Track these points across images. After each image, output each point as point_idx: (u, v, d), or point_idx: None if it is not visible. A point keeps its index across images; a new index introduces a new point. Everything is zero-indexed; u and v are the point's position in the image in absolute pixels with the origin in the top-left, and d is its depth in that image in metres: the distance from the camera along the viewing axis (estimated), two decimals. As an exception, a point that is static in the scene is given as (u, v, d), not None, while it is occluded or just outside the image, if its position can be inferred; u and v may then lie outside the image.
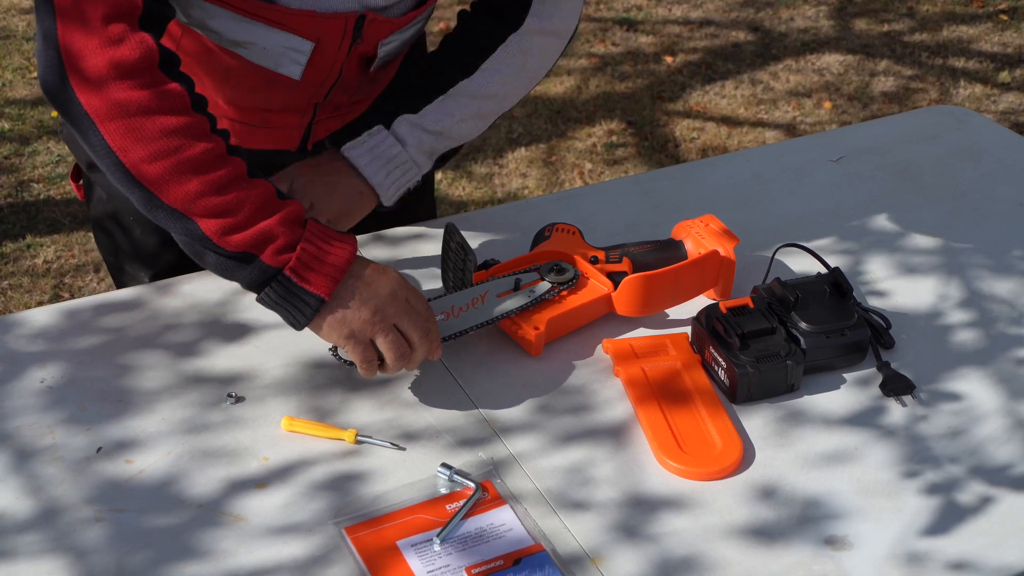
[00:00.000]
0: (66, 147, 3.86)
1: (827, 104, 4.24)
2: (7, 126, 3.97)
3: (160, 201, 1.36)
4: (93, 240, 3.47)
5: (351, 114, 1.77)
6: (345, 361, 1.48)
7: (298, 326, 1.42)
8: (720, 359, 1.53)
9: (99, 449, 1.43)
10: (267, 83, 1.59)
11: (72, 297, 3.26)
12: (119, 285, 1.85)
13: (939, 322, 1.67)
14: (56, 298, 3.27)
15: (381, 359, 1.44)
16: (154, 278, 1.76)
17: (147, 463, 1.42)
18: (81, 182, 1.84)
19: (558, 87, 4.28)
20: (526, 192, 3.76)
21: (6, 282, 3.33)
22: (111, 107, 1.32)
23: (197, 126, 1.36)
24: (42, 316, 1.62)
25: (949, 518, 1.38)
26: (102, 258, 1.89)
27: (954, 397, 1.55)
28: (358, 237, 1.77)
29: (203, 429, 1.46)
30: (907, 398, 1.54)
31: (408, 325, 1.42)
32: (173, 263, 1.73)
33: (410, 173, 1.62)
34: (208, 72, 1.60)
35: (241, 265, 1.38)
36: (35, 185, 3.72)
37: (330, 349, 1.50)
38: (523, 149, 3.96)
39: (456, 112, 1.63)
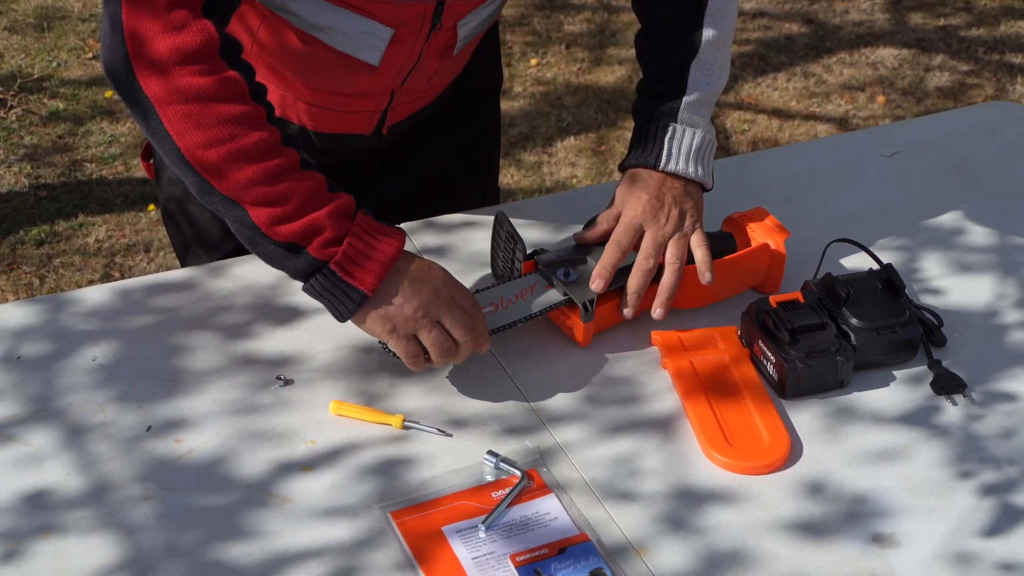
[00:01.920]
0: (119, 127, 3.89)
1: (881, 98, 4.20)
2: (61, 106, 4.01)
3: (212, 187, 1.37)
4: (143, 220, 3.50)
5: (426, 99, 1.78)
6: (394, 353, 1.48)
7: (341, 318, 1.43)
8: (769, 353, 1.52)
9: (149, 428, 1.45)
10: (345, 68, 1.60)
11: (123, 276, 3.29)
12: (184, 267, 1.87)
13: (992, 321, 1.65)
14: (107, 277, 3.30)
15: (427, 353, 1.45)
16: (227, 254, 1.77)
17: (196, 443, 1.43)
18: (152, 161, 1.86)
19: (609, 76, 4.27)
20: (575, 181, 3.75)
21: (58, 260, 3.37)
22: (171, 92, 1.34)
23: (254, 115, 1.37)
24: (95, 295, 1.64)
25: (999, 519, 1.37)
26: (170, 240, 1.91)
27: (1007, 397, 1.53)
28: (408, 225, 1.77)
29: (252, 411, 1.47)
30: (958, 397, 1.52)
31: (452, 322, 1.43)
32: (236, 249, 1.75)
33: (712, 146, 1.65)
34: (284, 58, 1.61)
35: (289, 255, 1.40)
36: (88, 165, 3.75)
37: (379, 340, 1.50)
38: (572, 138, 3.95)
39: (713, 68, 1.65)
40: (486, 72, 1.91)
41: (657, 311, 1.56)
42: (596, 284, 1.54)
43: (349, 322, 1.44)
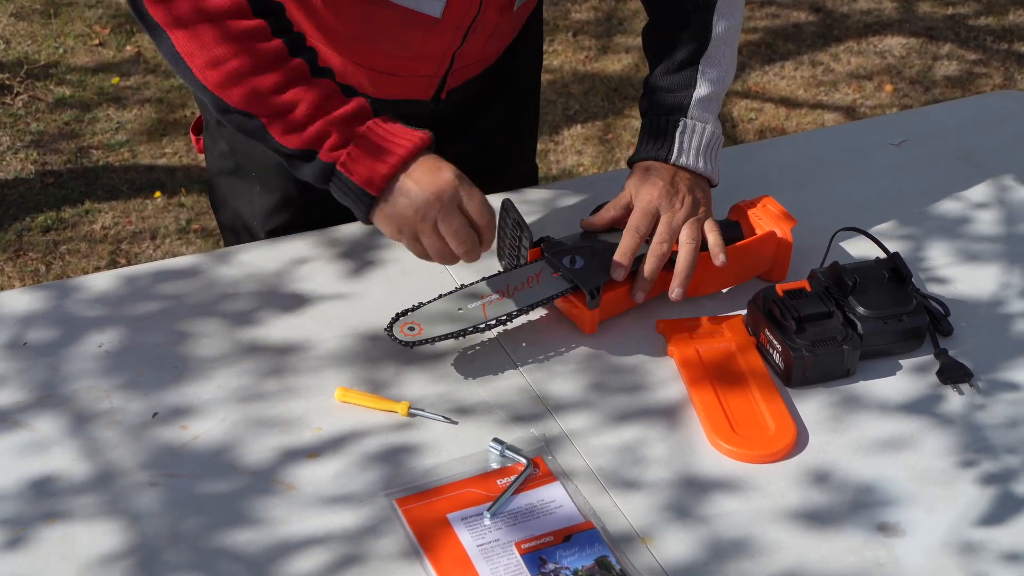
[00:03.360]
0: (126, 114, 3.89)
1: (888, 87, 4.19)
2: (68, 92, 4.01)
3: (226, 104, 1.43)
4: (150, 207, 3.51)
5: (483, 64, 1.80)
6: (400, 341, 1.48)
7: (362, 219, 1.47)
8: (775, 342, 1.52)
9: (155, 414, 1.45)
10: (407, 26, 1.61)
11: (129, 263, 3.30)
12: (227, 243, 1.88)
13: (999, 310, 1.65)
14: (113, 264, 3.30)
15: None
16: (270, 234, 1.79)
17: (202, 429, 1.43)
18: (201, 136, 1.86)
19: (616, 64, 4.26)
20: (581, 169, 3.75)
21: (64, 247, 3.37)
22: (175, 16, 1.41)
23: (257, 30, 1.42)
24: (102, 281, 1.64)
25: (1005, 508, 1.37)
26: (216, 215, 1.91)
27: (1012, 386, 1.53)
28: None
29: (258, 397, 1.47)
30: (964, 386, 1.52)
31: (448, 230, 1.46)
32: (290, 221, 1.78)
33: (720, 142, 1.67)
34: (346, 24, 1.63)
35: (304, 162, 1.45)
36: (95, 151, 3.75)
37: (385, 329, 1.50)
38: (579, 126, 3.94)
39: (722, 64, 1.67)
40: (531, 49, 1.93)
41: (675, 291, 1.56)
42: (617, 272, 1.55)
43: (355, 310, 1.43)
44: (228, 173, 1.82)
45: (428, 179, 1.45)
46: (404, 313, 1.51)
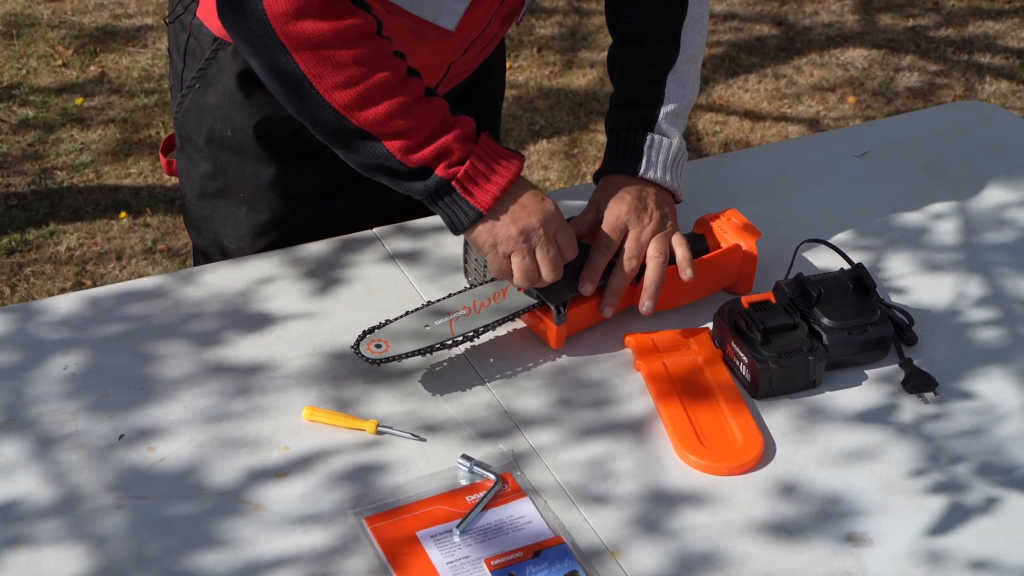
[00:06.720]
0: (90, 135, 3.87)
1: (851, 99, 4.22)
2: (31, 114, 3.98)
3: (349, 123, 1.45)
4: (115, 227, 3.49)
5: (466, 74, 1.82)
6: (367, 359, 1.48)
7: (456, 231, 1.52)
8: (741, 354, 1.52)
9: (121, 436, 1.44)
10: (417, 37, 1.61)
11: (94, 284, 3.28)
12: (196, 265, 1.85)
13: (962, 319, 1.66)
14: (78, 285, 3.28)
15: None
16: (260, 250, 1.77)
17: (168, 451, 1.42)
18: (170, 157, 1.85)
19: (581, 79, 4.27)
20: (548, 184, 3.75)
21: (29, 269, 3.35)
22: (307, 37, 1.41)
23: (383, 51, 1.45)
24: (66, 303, 1.63)
25: (970, 516, 1.38)
26: (191, 237, 1.89)
27: (976, 395, 1.54)
28: (381, 230, 1.77)
29: (224, 418, 1.47)
30: (929, 395, 1.53)
31: (543, 256, 1.51)
32: (276, 242, 1.77)
33: (684, 157, 1.69)
34: None
35: (417, 178, 1.48)
36: (59, 172, 3.73)
37: (352, 346, 1.50)
38: (545, 141, 3.95)
39: (688, 80, 1.69)
40: (497, 61, 1.94)
41: (646, 304, 1.57)
42: (585, 288, 1.56)
43: (322, 328, 1.42)
44: (212, 195, 1.80)
45: (535, 205, 1.50)
46: (371, 330, 1.51)
